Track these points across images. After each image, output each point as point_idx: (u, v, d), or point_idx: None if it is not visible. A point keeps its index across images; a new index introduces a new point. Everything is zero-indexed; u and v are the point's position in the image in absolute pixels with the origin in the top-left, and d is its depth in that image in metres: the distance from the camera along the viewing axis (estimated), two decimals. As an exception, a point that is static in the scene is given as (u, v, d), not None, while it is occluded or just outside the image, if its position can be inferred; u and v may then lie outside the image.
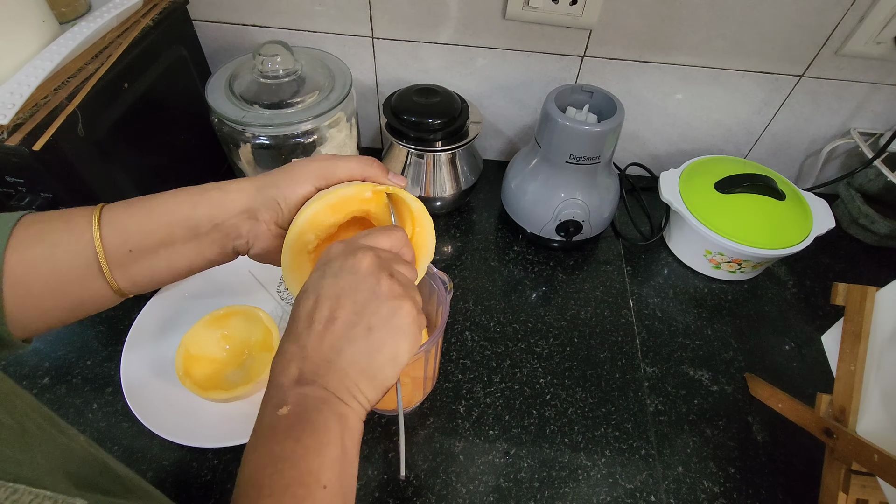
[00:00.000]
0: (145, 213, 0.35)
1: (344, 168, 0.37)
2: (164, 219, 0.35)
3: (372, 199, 0.38)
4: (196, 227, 0.36)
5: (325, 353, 0.30)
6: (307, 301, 0.31)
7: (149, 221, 0.35)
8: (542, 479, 0.51)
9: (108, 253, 0.34)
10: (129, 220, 0.35)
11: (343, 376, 0.30)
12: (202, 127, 0.65)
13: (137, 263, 0.35)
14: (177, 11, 0.62)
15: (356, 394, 0.30)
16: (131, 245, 0.34)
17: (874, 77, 0.70)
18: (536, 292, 0.67)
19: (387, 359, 0.31)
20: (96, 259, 0.34)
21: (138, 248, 0.35)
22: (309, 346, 0.30)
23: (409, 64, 0.74)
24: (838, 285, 0.49)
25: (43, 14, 0.49)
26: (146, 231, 0.35)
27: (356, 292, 0.30)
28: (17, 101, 0.43)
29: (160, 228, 0.35)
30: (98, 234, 0.33)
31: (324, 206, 0.36)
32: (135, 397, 0.51)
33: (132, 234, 0.34)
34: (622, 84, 0.74)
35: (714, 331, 0.65)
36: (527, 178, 0.68)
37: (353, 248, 0.32)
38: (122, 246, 0.34)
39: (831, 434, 0.46)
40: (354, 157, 0.38)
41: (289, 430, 0.28)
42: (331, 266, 0.32)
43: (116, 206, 0.35)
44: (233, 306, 0.56)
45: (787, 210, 0.66)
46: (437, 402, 0.56)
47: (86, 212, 0.34)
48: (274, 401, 0.29)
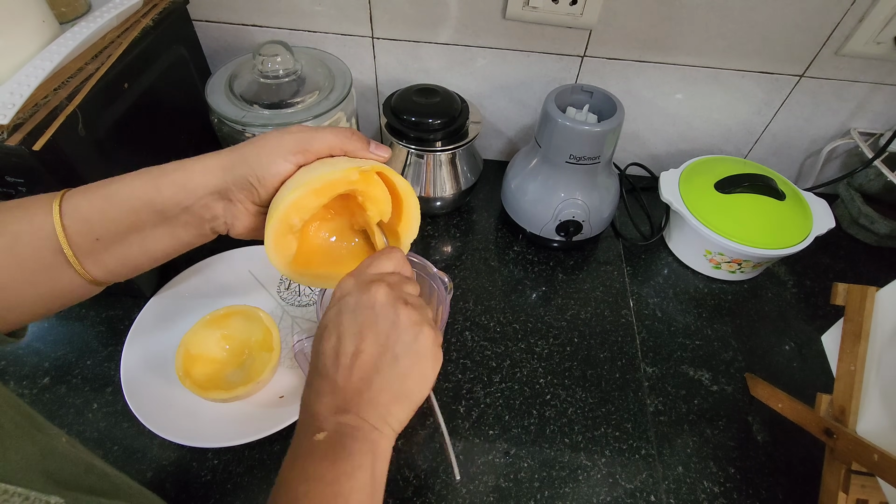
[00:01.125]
0: (107, 200, 0.33)
1: (322, 141, 0.35)
2: (126, 204, 0.33)
3: (361, 182, 0.36)
4: (163, 211, 0.34)
5: (356, 385, 0.31)
6: (330, 338, 0.32)
7: (111, 208, 0.33)
8: (542, 479, 0.51)
9: (72, 242, 0.32)
10: (90, 207, 0.33)
11: (376, 405, 0.31)
12: (202, 127, 0.65)
13: (108, 251, 0.34)
14: (177, 11, 0.62)
15: (389, 419, 0.32)
16: (97, 234, 0.33)
17: (874, 77, 0.70)
18: (536, 292, 0.67)
19: (416, 382, 0.33)
20: (61, 250, 0.32)
21: (105, 235, 0.33)
22: (339, 381, 0.31)
23: (409, 64, 0.74)
24: (838, 285, 0.49)
25: (43, 14, 0.48)
26: (110, 218, 0.33)
27: (377, 324, 0.32)
28: (17, 101, 0.43)
29: (125, 215, 0.33)
30: (59, 223, 0.32)
31: (308, 191, 0.34)
32: (135, 397, 0.51)
33: (96, 223, 0.33)
34: (622, 84, 0.74)
35: (714, 331, 0.65)
36: (527, 178, 0.68)
37: (365, 282, 0.33)
38: (88, 235, 0.33)
39: (831, 434, 0.46)
40: (333, 129, 0.36)
41: (325, 453, 0.30)
42: (346, 303, 0.33)
43: (76, 193, 0.33)
44: (233, 306, 0.56)
45: (787, 210, 0.66)
46: (438, 402, 0.56)
47: (46, 200, 0.32)
48: (311, 428, 0.31)
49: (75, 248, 0.32)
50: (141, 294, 0.60)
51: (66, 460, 0.27)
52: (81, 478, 0.27)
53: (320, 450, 0.30)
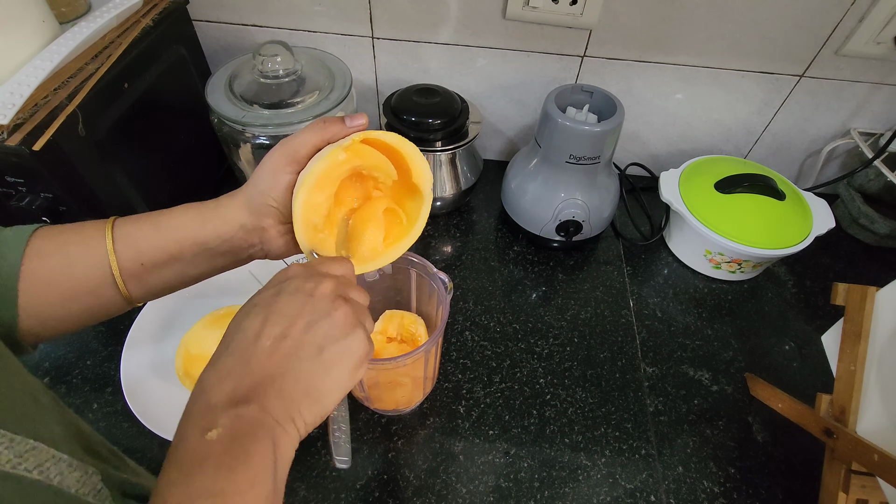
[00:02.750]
0: (155, 228, 0.36)
1: (304, 141, 0.36)
2: (173, 234, 0.36)
3: (350, 157, 0.36)
4: (205, 242, 0.37)
5: (271, 369, 0.28)
6: (256, 317, 0.30)
7: (158, 236, 0.36)
8: (542, 479, 0.51)
9: (121, 265, 0.35)
10: (139, 235, 0.36)
11: (285, 397, 0.28)
12: (202, 127, 0.65)
13: (150, 275, 0.37)
14: (177, 11, 0.62)
15: (295, 417, 0.28)
16: (143, 259, 0.36)
17: (874, 77, 0.70)
18: (536, 292, 0.67)
19: (332, 383, 0.30)
20: (110, 271, 0.35)
21: (150, 262, 0.36)
22: (253, 363, 0.28)
23: (409, 64, 0.74)
24: (838, 285, 0.49)
25: (43, 14, 0.48)
26: (157, 246, 0.36)
27: (312, 313, 0.30)
28: (17, 101, 0.43)
29: (170, 244, 0.36)
30: (111, 248, 0.35)
31: (307, 190, 0.35)
32: (135, 397, 0.51)
33: (143, 249, 0.36)
34: (622, 84, 0.74)
35: (714, 331, 0.65)
36: (527, 178, 0.68)
37: (311, 272, 0.32)
38: (135, 259, 0.35)
39: (831, 434, 0.46)
40: (308, 127, 0.37)
41: (220, 459, 0.25)
42: (287, 285, 0.31)
43: (127, 221, 0.36)
44: (233, 306, 0.56)
45: (787, 210, 0.66)
46: (437, 402, 0.56)
47: (99, 225, 0.36)
48: (202, 422, 0.26)
49: (122, 270, 0.35)
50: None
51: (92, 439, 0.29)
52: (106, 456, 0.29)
53: (213, 454, 0.25)
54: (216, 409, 0.26)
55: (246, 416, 0.26)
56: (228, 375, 0.28)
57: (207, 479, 0.24)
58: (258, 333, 0.29)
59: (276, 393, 0.28)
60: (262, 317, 0.29)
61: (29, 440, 0.23)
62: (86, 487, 0.24)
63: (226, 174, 0.77)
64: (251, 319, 0.30)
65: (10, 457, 0.22)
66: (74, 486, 0.24)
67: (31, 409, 0.25)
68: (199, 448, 0.25)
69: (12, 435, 0.23)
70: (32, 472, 0.22)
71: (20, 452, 0.22)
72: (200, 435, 0.25)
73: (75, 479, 0.24)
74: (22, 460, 0.22)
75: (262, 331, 0.29)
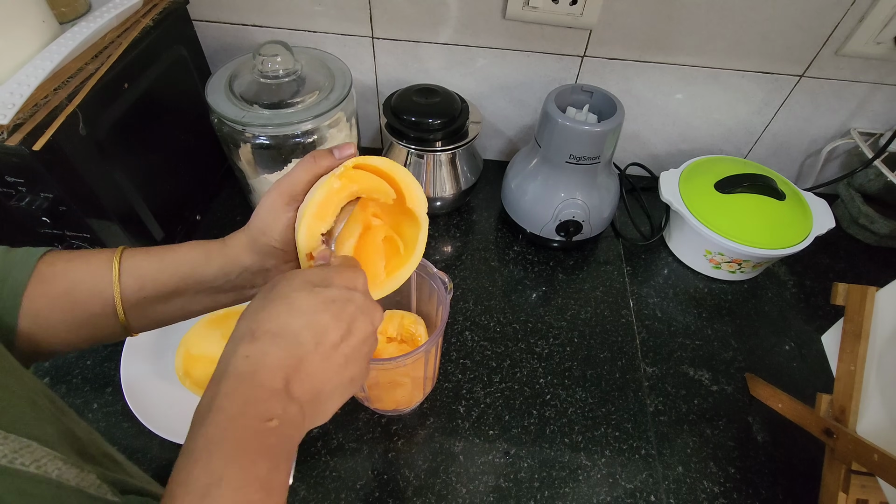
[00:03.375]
0: (162, 264, 0.37)
1: (297, 179, 0.36)
2: (178, 270, 0.37)
3: (346, 184, 0.36)
4: (210, 280, 0.37)
5: (322, 377, 0.29)
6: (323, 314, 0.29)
7: (164, 272, 0.36)
8: (542, 479, 0.51)
9: (124, 296, 0.35)
10: (146, 269, 0.36)
11: (318, 407, 0.29)
12: (202, 127, 0.65)
13: (151, 307, 0.37)
14: (177, 11, 0.62)
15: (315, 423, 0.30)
16: (146, 292, 0.36)
17: (874, 77, 0.70)
18: (536, 292, 0.67)
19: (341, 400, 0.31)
20: (112, 300, 0.35)
21: (152, 295, 0.36)
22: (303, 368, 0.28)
23: (409, 64, 0.74)
24: (838, 285, 0.49)
25: (43, 14, 0.48)
26: (161, 280, 0.36)
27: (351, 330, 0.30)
28: (17, 101, 0.43)
29: (174, 280, 0.36)
30: (117, 278, 0.35)
31: (308, 222, 0.35)
32: (135, 397, 0.51)
33: (148, 282, 0.36)
34: (622, 84, 0.74)
35: (714, 331, 0.65)
36: (527, 178, 0.68)
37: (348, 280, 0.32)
38: (138, 292, 0.36)
39: (831, 434, 0.46)
40: (298, 165, 0.37)
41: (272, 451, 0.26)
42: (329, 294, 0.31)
43: (135, 253, 0.37)
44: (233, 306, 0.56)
45: (787, 210, 0.66)
46: (437, 402, 0.56)
47: (107, 255, 0.36)
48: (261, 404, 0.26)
49: (124, 300, 0.36)
50: None
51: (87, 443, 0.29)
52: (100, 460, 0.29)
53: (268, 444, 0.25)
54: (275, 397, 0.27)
55: (294, 414, 0.27)
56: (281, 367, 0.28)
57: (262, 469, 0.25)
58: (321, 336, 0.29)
59: (315, 399, 0.29)
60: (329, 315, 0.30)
61: (22, 438, 0.23)
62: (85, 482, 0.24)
63: (226, 174, 0.77)
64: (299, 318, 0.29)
65: (5, 451, 0.22)
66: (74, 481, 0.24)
67: (27, 412, 0.25)
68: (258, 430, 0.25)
69: (6, 433, 0.22)
70: (29, 466, 0.22)
71: (16, 448, 0.22)
72: (261, 418, 0.26)
73: (73, 474, 0.24)
74: (18, 455, 0.22)
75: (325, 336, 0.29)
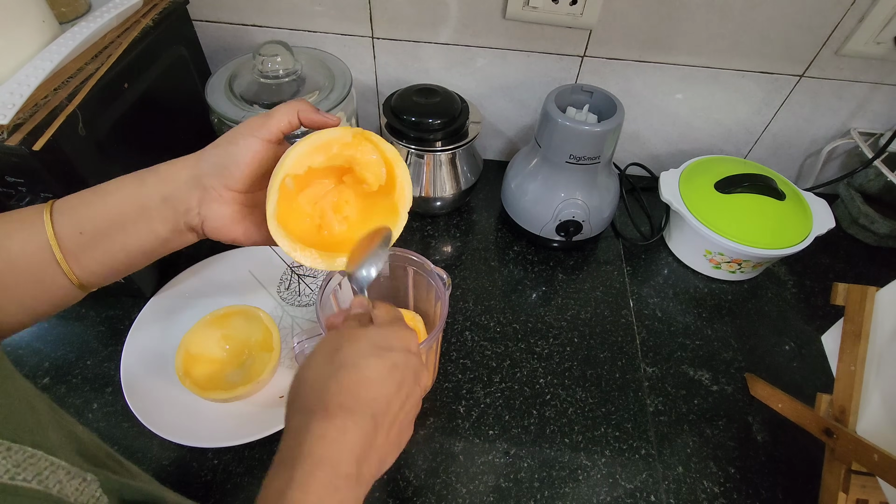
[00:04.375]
0: (95, 195, 0.35)
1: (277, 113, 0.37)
2: (113, 198, 0.35)
3: (353, 144, 0.37)
4: (145, 203, 0.35)
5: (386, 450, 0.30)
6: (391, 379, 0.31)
7: (98, 202, 0.35)
8: (542, 479, 0.51)
9: (59, 238, 0.33)
10: (79, 204, 0.34)
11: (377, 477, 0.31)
12: (202, 127, 0.65)
13: (91, 248, 0.34)
14: (177, 11, 0.62)
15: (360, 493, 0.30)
16: (82, 227, 0.34)
17: (874, 77, 0.70)
18: (536, 292, 0.67)
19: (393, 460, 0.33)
20: (49, 247, 0.33)
21: (89, 229, 0.34)
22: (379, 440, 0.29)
23: (409, 64, 0.74)
24: (838, 285, 0.49)
25: (43, 14, 0.48)
26: (96, 213, 0.34)
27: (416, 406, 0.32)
28: (17, 101, 0.43)
29: (110, 208, 0.34)
30: (49, 220, 0.33)
31: (309, 147, 0.36)
32: (135, 397, 0.51)
33: (83, 218, 0.34)
34: (622, 84, 0.74)
35: (714, 331, 0.65)
36: (527, 178, 0.68)
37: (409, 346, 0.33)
38: (74, 228, 0.34)
39: (831, 434, 0.46)
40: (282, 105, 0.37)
41: None
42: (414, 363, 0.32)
43: (70, 196, 0.35)
44: (233, 306, 0.56)
45: (787, 210, 0.66)
46: (437, 402, 0.56)
47: (39, 206, 0.34)
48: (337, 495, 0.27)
49: (62, 244, 0.33)
50: (141, 294, 0.60)
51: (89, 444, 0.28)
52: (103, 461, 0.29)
53: None
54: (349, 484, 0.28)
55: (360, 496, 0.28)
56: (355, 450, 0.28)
57: None
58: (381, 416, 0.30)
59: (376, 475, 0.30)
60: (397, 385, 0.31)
61: (27, 448, 0.23)
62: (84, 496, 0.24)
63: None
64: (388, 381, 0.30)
65: (8, 466, 0.21)
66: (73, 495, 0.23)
67: (28, 415, 0.25)
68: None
69: (9, 443, 0.22)
70: (31, 482, 0.22)
71: (18, 462, 0.22)
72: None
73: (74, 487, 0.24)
74: (20, 470, 0.22)
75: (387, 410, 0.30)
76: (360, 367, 0.30)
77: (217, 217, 0.36)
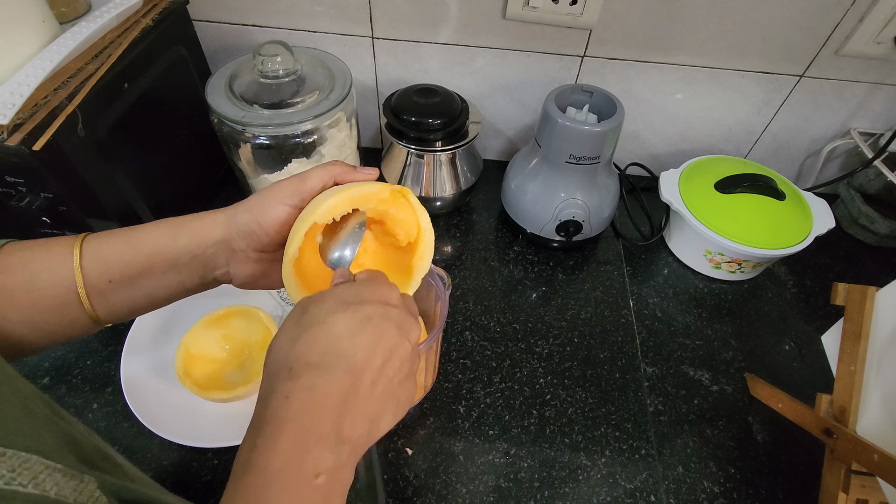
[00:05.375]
0: (127, 245, 0.35)
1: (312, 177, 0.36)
2: (144, 250, 0.35)
3: (390, 200, 0.36)
4: (176, 258, 0.36)
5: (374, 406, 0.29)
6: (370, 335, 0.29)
7: (129, 252, 0.35)
8: (542, 479, 0.51)
9: (87, 282, 0.34)
10: (109, 251, 0.35)
11: (372, 437, 0.29)
12: (202, 127, 0.65)
13: (117, 293, 0.35)
14: (177, 11, 0.62)
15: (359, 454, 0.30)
16: (111, 276, 0.34)
17: (874, 77, 0.70)
18: (536, 292, 0.67)
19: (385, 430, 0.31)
20: (75, 289, 0.33)
21: (118, 278, 0.35)
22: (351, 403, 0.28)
23: (409, 64, 0.74)
24: (838, 285, 0.49)
25: (43, 14, 0.48)
26: (127, 262, 0.35)
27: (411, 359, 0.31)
28: (17, 101, 0.43)
29: (140, 259, 0.35)
30: (79, 264, 0.33)
31: (345, 199, 0.34)
32: (135, 397, 0.51)
33: (112, 265, 0.34)
34: (622, 84, 0.74)
35: (714, 331, 0.65)
36: (527, 178, 0.68)
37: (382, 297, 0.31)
38: (103, 277, 0.34)
39: (831, 434, 0.46)
40: (318, 166, 0.37)
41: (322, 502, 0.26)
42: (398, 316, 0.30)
43: (98, 236, 0.35)
44: (233, 306, 0.56)
45: (787, 210, 0.66)
46: (437, 402, 0.56)
47: (68, 241, 0.34)
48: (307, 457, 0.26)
49: (89, 287, 0.34)
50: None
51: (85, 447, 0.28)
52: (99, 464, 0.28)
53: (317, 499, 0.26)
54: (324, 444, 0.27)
55: (344, 460, 0.27)
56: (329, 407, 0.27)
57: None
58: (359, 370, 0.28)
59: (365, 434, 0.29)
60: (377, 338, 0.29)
61: (21, 453, 0.22)
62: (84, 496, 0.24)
63: (226, 174, 0.77)
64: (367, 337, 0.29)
65: (3, 472, 0.21)
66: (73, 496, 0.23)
67: (24, 420, 0.25)
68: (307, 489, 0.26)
69: (4, 448, 0.22)
70: (28, 486, 0.22)
71: (13, 467, 0.22)
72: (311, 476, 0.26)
73: (72, 488, 0.23)
74: (16, 475, 0.22)
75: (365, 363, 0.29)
76: (327, 322, 0.29)
77: (245, 275, 0.37)
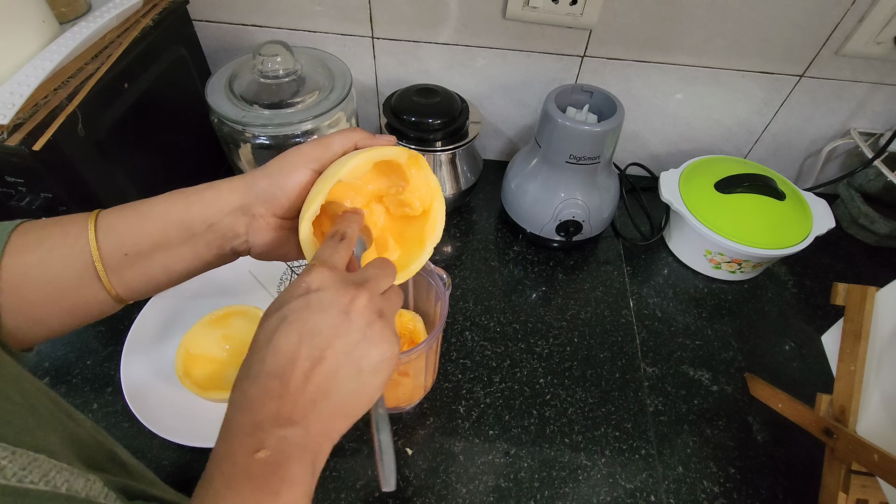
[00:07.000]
0: (140, 216, 0.35)
1: (334, 143, 0.36)
2: (158, 221, 0.34)
3: (408, 165, 0.37)
4: (191, 228, 0.35)
5: (311, 394, 0.28)
6: (290, 334, 0.28)
7: (143, 224, 0.34)
8: (542, 479, 0.51)
9: (103, 257, 0.33)
10: (123, 224, 0.34)
11: (325, 418, 0.28)
12: (202, 127, 0.65)
13: (133, 267, 0.34)
14: (177, 11, 0.62)
15: (333, 434, 0.29)
16: (126, 248, 0.34)
17: (874, 77, 0.70)
18: (536, 292, 0.67)
19: (368, 398, 0.30)
20: (92, 264, 0.33)
21: (133, 251, 0.34)
22: (292, 385, 0.27)
23: (409, 64, 0.74)
24: (838, 285, 0.49)
25: (43, 14, 0.49)
26: (141, 234, 0.34)
27: (348, 333, 0.29)
28: (17, 101, 0.43)
29: (155, 231, 0.34)
30: (94, 238, 0.33)
31: (367, 159, 0.34)
32: (135, 397, 0.51)
33: (127, 238, 0.34)
34: (622, 84, 0.74)
35: (714, 331, 0.65)
36: (527, 178, 0.68)
37: (343, 282, 0.30)
38: (118, 250, 0.34)
39: (831, 434, 0.46)
40: (339, 131, 0.36)
41: (266, 479, 0.26)
42: (319, 299, 0.29)
43: (112, 211, 0.35)
44: (233, 306, 0.56)
45: (787, 210, 0.66)
46: (437, 402, 0.56)
47: (82, 217, 0.34)
48: (249, 440, 0.27)
49: (105, 262, 0.33)
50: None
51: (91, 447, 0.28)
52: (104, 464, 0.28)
53: (260, 473, 0.26)
54: (263, 428, 0.27)
55: (291, 438, 0.27)
56: (269, 395, 0.27)
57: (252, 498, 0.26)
58: (294, 356, 0.28)
59: (316, 416, 0.28)
60: (297, 336, 0.28)
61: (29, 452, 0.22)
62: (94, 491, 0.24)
63: (226, 174, 0.77)
64: (284, 337, 0.28)
65: (14, 469, 0.21)
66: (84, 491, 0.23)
67: (30, 420, 0.25)
68: (246, 465, 0.26)
69: (13, 448, 0.22)
70: (39, 483, 0.22)
71: (24, 465, 0.22)
72: (249, 453, 0.26)
73: (80, 484, 0.24)
74: (27, 472, 0.22)
75: (299, 352, 0.28)
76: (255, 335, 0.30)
77: (264, 243, 0.36)
